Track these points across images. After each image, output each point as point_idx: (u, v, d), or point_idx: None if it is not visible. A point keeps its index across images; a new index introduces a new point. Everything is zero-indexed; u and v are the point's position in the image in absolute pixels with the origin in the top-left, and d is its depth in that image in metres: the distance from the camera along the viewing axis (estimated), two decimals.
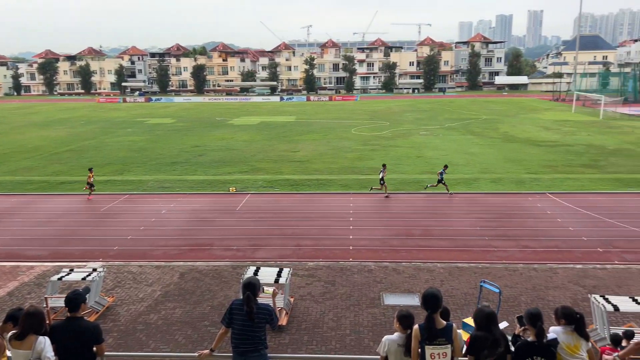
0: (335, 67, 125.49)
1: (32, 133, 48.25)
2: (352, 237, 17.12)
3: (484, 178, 25.98)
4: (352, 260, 14.82)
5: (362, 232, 17.59)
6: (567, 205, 20.52)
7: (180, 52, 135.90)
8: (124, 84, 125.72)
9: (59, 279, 11.63)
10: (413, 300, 11.90)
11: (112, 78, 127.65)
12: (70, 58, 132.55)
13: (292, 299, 11.92)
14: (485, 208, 20.51)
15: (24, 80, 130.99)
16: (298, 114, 65.81)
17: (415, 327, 5.77)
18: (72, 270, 12.08)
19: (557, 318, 6.13)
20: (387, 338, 5.96)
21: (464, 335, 7.92)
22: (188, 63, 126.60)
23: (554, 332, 5.96)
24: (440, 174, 22.33)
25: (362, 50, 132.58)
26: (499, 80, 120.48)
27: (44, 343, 5.55)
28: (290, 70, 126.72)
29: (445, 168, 22.74)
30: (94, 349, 5.99)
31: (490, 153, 33.45)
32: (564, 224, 18.09)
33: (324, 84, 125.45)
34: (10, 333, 5.72)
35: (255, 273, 11.37)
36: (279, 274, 11.41)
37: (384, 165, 22.86)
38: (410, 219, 19.18)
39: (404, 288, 12.75)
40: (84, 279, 11.48)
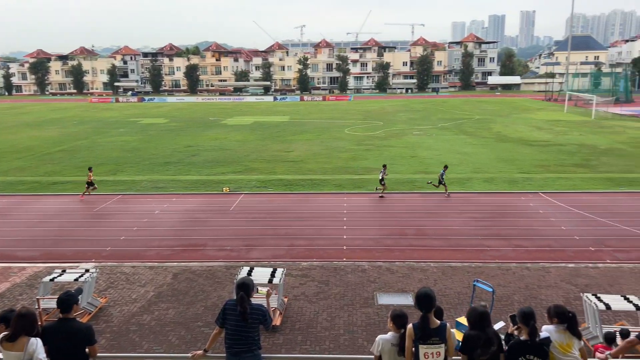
0: (329, 67, 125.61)
1: (23, 133, 47.91)
2: (345, 237, 17.13)
3: (477, 178, 26.09)
4: (345, 260, 14.83)
5: (355, 232, 17.61)
6: (559, 205, 20.64)
7: (173, 51, 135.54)
8: (117, 84, 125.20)
9: (51, 280, 11.56)
10: (407, 300, 11.92)
11: (104, 78, 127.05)
12: (62, 58, 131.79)
13: (285, 299, 11.92)
14: (478, 207, 20.59)
15: (15, 80, 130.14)
16: (292, 114, 65.78)
17: (409, 326, 5.79)
18: (64, 271, 12.00)
19: (549, 317, 6.16)
20: (380, 337, 5.97)
21: (458, 335, 7.94)
22: (181, 63, 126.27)
23: (547, 330, 6.00)
24: (441, 175, 22.33)
25: (355, 50, 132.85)
26: (492, 80, 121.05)
27: (36, 344, 5.52)
28: (284, 70, 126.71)
29: (445, 168, 22.75)
30: (87, 350, 5.97)
31: (483, 153, 33.60)
32: (557, 223, 18.19)
33: (318, 84, 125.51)
34: (2, 334, 5.67)
35: (249, 273, 11.36)
36: (273, 274, 11.40)
37: (384, 166, 22.87)
38: (404, 219, 19.22)
39: (398, 288, 12.78)
40: (77, 280, 11.42)
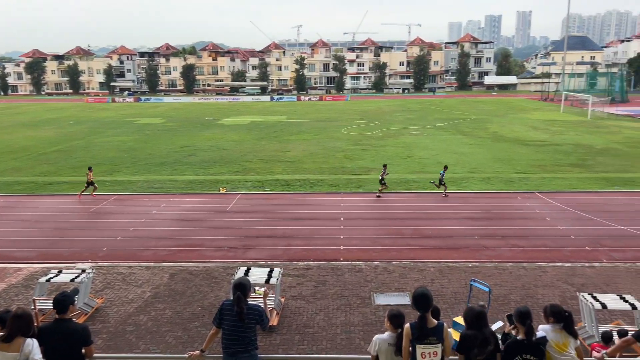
0: (326, 67, 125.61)
1: (19, 133, 47.73)
2: (342, 236, 17.14)
3: (474, 177, 26.14)
4: (342, 260, 14.83)
5: (352, 231, 17.61)
6: (555, 204, 20.70)
7: (170, 51, 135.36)
8: (113, 84, 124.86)
9: (47, 281, 11.52)
10: (404, 300, 11.94)
11: (100, 78, 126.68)
12: (58, 57, 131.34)
13: (283, 299, 11.92)
14: (475, 207, 20.62)
15: (11, 80, 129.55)
16: (288, 114, 65.75)
17: (407, 325, 5.79)
18: (60, 272, 11.97)
19: (546, 316, 6.19)
20: (377, 337, 5.97)
21: (455, 334, 7.96)
22: (177, 63, 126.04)
23: (543, 330, 6.02)
24: (442, 175, 22.32)
25: (352, 50, 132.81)
26: (488, 80, 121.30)
27: (32, 345, 5.50)
28: (281, 70, 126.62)
29: (445, 169, 22.72)
30: (83, 351, 5.95)
31: (480, 153, 33.66)
32: (553, 223, 18.24)
33: (315, 84, 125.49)
34: None
35: (246, 273, 11.35)
36: (270, 274, 11.40)
37: (385, 166, 22.86)
38: (401, 219, 19.23)
39: (395, 287, 12.79)
40: (73, 281, 11.39)
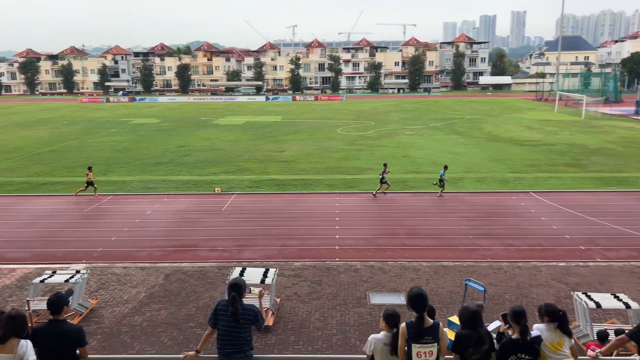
0: (321, 67, 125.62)
1: (13, 133, 47.46)
2: (338, 236, 17.14)
3: (469, 177, 26.21)
4: (338, 260, 14.84)
5: (348, 231, 17.62)
6: (550, 204, 20.78)
7: (165, 51, 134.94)
8: (107, 84, 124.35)
9: (41, 281, 11.46)
10: (399, 299, 11.95)
11: (95, 78, 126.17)
12: (52, 57, 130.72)
13: (278, 299, 11.91)
14: (470, 207, 20.67)
15: (5, 80, 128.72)
16: (284, 114, 65.71)
17: (402, 325, 5.79)
18: (54, 272, 11.91)
19: (540, 315, 6.21)
20: (373, 337, 5.97)
21: (450, 334, 7.97)
22: (172, 62, 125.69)
23: (538, 329, 6.04)
24: (442, 175, 22.36)
25: (347, 50, 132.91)
26: (483, 80, 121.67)
27: (26, 347, 5.47)
28: (276, 70, 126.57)
29: (445, 169, 22.75)
30: (77, 352, 5.92)
31: (475, 152, 33.75)
32: (548, 223, 18.31)
33: (310, 84, 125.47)
34: None
35: (241, 274, 11.32)
36: (265, 275, 11.38)
37: (385, 165, 22.85)
38: (396, 219, 19.25)
39: (390, 287, 12.81)
40: (67, 281, 11.34)
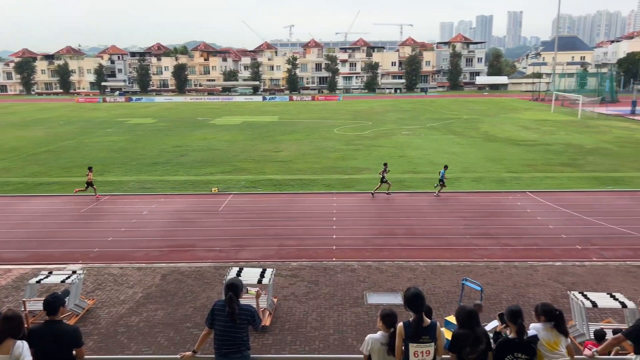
0: (318, 67, 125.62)
1: (8, 133, 47.28)
2: (335, 236, 17.14)
3: (465, 177, 26.23)
4: (335, 260, 14.84)
5: (345, 231, 17.62)
6: (546, 204, 20.83)
7: (161, 51, 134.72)
8: (104, 84, 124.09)
9: (38, 282, 11.43)
10: (396, 299, 11.96)
11: (91, 77, 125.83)
12: (48, 57, 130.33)
13: (275, 300, 11.91)
14: (467, 207, 20.69)
15: (0, 80, 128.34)
16: (281, 114, 65.68)
17: (400, 325, 5.79)
18: (51, 273, 11.87)
19: (537, 315, 6.23)
20: (370, 337, 5.97)
21: (447, 334, 7.98)
22: (169, 62, 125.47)
23: (534, 328, 6.06)
24: (442, 175, 22.39)
25: (344, 50, 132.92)
26: (480, 81, 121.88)
27: (22, 347, 5.45)
28: (273, 70, 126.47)
29: (445, 168, 22.78)
30: (74, 353, 5.90)
31: (471, 152, 33.80)
32: (544, 222, 18.35)
33: (307, 84, 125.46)
34: None
35: (238, 274, 11.32)
36: (262, 275, 11.38)
37: (385, 165, 22.85)
38: (393, 218, 19.27)
39: (387, 287, 12.82)
40: (63, 282, 11.31)
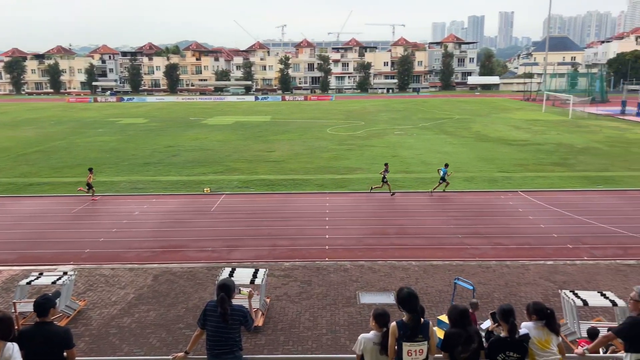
0: (310, 66, 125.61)
1: None
2: (328, 236, 17.14)
3: (457, 177, 26.28)
4: (328, 260, 14.84)
5: (338, 231, 17.63)
6: (538, 203, 20.95)
7: (153, 51, 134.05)
8: (95, 84, 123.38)
9: (28, 283, 11.35)
10: (388, 299, 11.98)
11: (82, 77, 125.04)
12: (39, 57, 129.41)
13: (268, 300, 11.89)
14: (459, 206, 20.78)
15: None
16: (273, 114, 65.59)
17: (393, 324, 5.79)
18: (41, 274, 11.78)
19: (528, 314, 6.26)
20: (363, 336, 5.97)
21: (439, 333, 8.01)
22: (161, 62, 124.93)
23: (526, 327, 6.09)
24: (444, 173, 22.43)
25: (336, 50, 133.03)
26: (472, 81, 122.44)
27: (12, 349, 5.40)
28: (265, 70, 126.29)
29: (446, 167, 22.87)
30: (65, 354, 5.86)
31: (463, 152, 33.93)
32: (535, 222, 18.46)
33: (299, 84, 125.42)
34: None
35: (231, 274, 11.29)
36: (255, 275, 11.36)
37: (386, 165, 22.86)
38: (386, 218, 19.30)
39: (380, 286, 12.84)
40: (54, 283, 11.23)
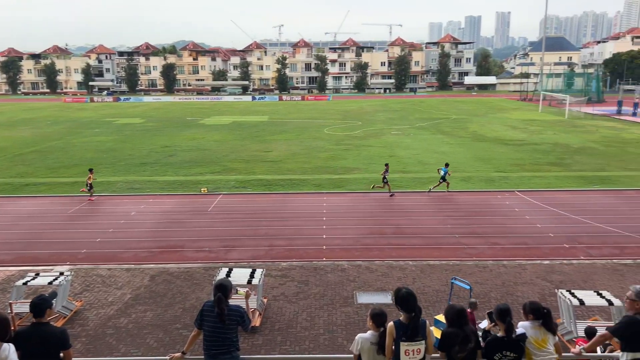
0: (308, 66, 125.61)
1: None
2: (325, 236, 17.15)
3: (454, 177, 26.26)
4: (325, 260, 14.85)
5: (335, 231, 17.63)
6: (534, 203, 21.00)
7: (150, 51, 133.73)
8: (92, 83, 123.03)
9: (24, 284, 11.32)
10: (386, 299, 11.99)
11: (78, 77, 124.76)
12: (35, 56, 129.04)
13: (265, 300, 11.88)
14: (456, 206, 20.82)
15: None
16: (270, 114, 65.56)
17: (390, 324, 5.79)
18: (37, 275, 11.75)
19: (525, 313, 6.27)
20: (360, 336, 5.97)
21: (436, 332, 8.02)
22: (157, 62, 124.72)
23: (523, 327, 6.10)
24: (445, 173, 22.45)
25: (334, 50, 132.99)
26: (468, 81, 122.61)
27: (9, 350, 5.39)
28: (262, 70, 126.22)
29: (447, 166, 22.89)
30: (61, 355, 5.85)
31: (460, 152, 33.98)
32: (532, 221, 18.50)
33: (296, 84, 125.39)
34: None
35: (228, 274, 11.29)
36: (252, 275, 11.36)
37: (387, 165, 22.89)
38: (383, 218, 19.31)
39: (377, 286, 12.85)
40: (51, 283, 11.20)
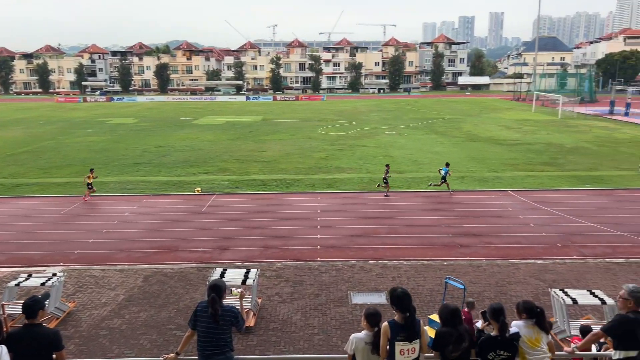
0: (302, 66, 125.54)
1: None
2: (319, 236, 17.14)
3: (448, 177, 26.39)
4: (319, 260, 14.85)
5: (329, 231, 17.64)
6: (528, 202, 21.10)
7: (143, 50, 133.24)
8: (84, 83, 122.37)
9: (17, 285, 11.25)
10: (380, 298, 12.01)
11: (71, 77, 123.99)
12: (27, 56, 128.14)
13: (259, 300, 11.87)
14: (450, 206, 20.88)
15: None
16: (264, 114, 65.49)
17: (385, 324, 5.79)
18: (30, 276, 11.68)
19: (518, 312, 6.30)
20: (354, 336, 5.97)
21: (430, 332, 8.04)
22: (151, 62, 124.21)
23: (516, 326, 6.13)
24: (446, 172, 22.46)
25: (328, 50, 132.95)
26: (462, 81, 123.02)
27: (1, 352, 5.36)
28: (256, 70, 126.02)
29: (447, 166, 22.91)
30: (54, 356, 5.81)
31: (454, 152, 34.08)
32: (525, 221, 18.59)
33: (291, 84, 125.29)
34: None
35: (222, 275, 11.26)
36: (246, 275, 11.34)
37: (387, 166, 22.90)
38: (377, 218, 19.34)
39: (371, 286, 12.87)
40: (43, 284, 11.15)
